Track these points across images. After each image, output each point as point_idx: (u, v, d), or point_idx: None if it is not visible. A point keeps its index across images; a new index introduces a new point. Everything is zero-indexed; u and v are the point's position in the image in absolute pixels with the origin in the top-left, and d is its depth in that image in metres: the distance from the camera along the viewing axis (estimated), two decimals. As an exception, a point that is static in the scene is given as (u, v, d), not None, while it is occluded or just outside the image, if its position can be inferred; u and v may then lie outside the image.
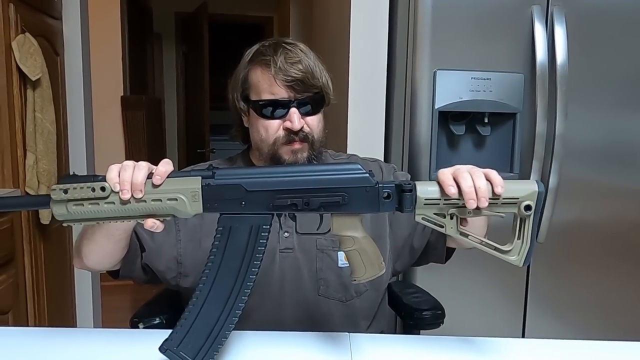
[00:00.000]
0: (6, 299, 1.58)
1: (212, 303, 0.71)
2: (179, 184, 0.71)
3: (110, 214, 0.70)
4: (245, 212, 0.71)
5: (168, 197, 0.70)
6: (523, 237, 0.73)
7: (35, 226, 1.78)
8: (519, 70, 1.51)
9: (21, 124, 1.68)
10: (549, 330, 1.60)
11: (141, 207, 0.70)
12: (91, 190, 0.69)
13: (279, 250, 0.96)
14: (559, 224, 1.56)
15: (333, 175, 0.71)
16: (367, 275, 0.76)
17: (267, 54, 0.91)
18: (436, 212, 0.73)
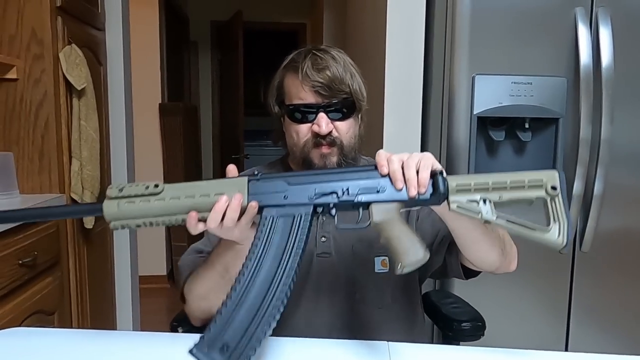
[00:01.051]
0: (52, 301, 1.64)
1: (251, 294, 0.69)
2: (227, 182, 0.73)
3: (158, 212, 0.72)
4: (287, 204, 0.72)
5: (215, 192, 0.72)
6: (558, 217, 0.72)
7: (79, 230, 1.85)
8: (562, 74, 1.46)
9: (67, 131, 1.75)
10: (593, 343, 1.54)
11: (189, 202, 0.72)
12: (145, 187, 0.72)
13: (316, 254, 0.97)
14: (604, 233, 1.50)
15: (369, 167, 0.74)
16: (412, 259, 0.71)
17: (297, 61, 0.94)
18: (469, 198, 0.72)
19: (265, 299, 0.69)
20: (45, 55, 1.66)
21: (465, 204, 0.72)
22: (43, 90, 1.67)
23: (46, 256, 1.59)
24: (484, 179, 0.73)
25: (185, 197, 0.72)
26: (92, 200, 1.84)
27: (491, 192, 0.72)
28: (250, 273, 0.70)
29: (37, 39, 1.64)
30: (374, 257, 0.96)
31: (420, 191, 0.70)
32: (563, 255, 1.51)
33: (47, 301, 1.59)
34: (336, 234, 0.97)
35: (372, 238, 0.95)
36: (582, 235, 1.50)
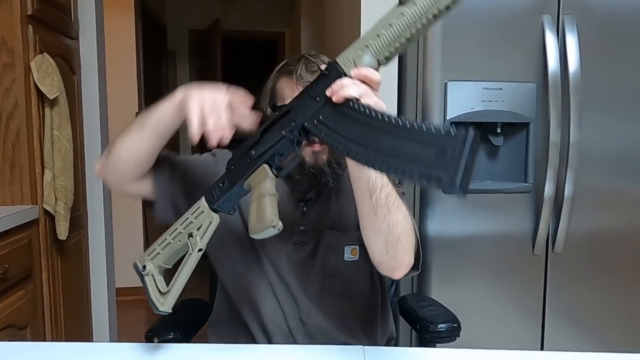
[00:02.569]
0: (24, 314, 1.60)
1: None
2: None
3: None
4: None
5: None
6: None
7: (52, 242, 1.81)
8: (531, 79, 1.50)
9: (39, 141, 1.72)
10: (568, 342, 1.56)
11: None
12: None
13: (293, 241, 1.00)
14: (575, 234, 1.53)
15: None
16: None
17: (291, 65, 0.99)
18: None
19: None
20: (16, 64, 1.63)
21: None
22: (14, 99, 1.64)
23: (18, 269, 1.56)
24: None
25: None
26: (65, 211, 1.80)
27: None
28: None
29: (7, 47, 1.62)
30: (344, 246, 1.00)
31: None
32: (537, 257, 1.54)
33: (19, 315, 1.56)
34: (315, 225, 1.01)
35: (344, 227, 1.00)
36: (554, 237, 1.53)
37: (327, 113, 0.71)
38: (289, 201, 1.02)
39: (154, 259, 0.81)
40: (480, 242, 1.53)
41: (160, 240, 0.81)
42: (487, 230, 1.53)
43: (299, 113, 0.74)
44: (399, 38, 0.67)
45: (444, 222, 1.53)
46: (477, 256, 1.54)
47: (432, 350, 0.88)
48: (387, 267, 0.88)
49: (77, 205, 1.98)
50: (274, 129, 0.77)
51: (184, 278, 0.77)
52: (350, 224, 1.00)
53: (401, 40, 0.67)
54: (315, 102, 0.72)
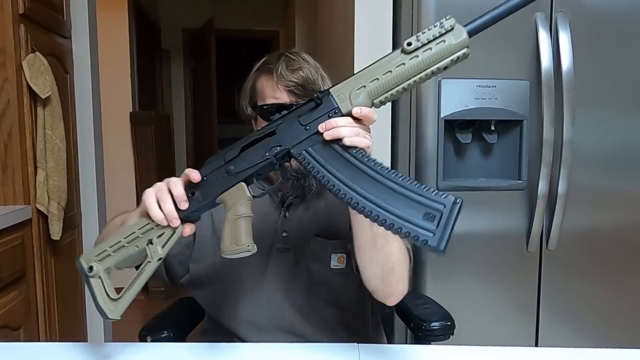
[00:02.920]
0: (17, 315, 1.59)
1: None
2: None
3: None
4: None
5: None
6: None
7: (46, 242, 1.80)
8: (525, 77, 1.50)
9: (32, 141, 1.71)
10: (562, 339, 1.57)
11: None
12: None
13: (275, 248, 0.99)
14: (569, 231, 1.54)
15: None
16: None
17: (271, 63, 0.97)
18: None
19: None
20: (8, 63, 1.62)
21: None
22: (6, 99, 1.63)
23: (11, 269, 1.55)
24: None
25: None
26: (59, 211, 1.79)
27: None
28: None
29: (-2, 47, 1.61)
30: (331, 254, 0.98)
31: None
32: (531, 254, 1.55)
33: (12, 316, 1.55)
34: (297, 231, 0.99)
35: (330, 235, 0.98)
36: (548, 234, 1.54)
37: (317, 146, 0.71)
38: (269, 207, 1.00)
39: (102, 261, 0.76)
40: (474, 240, 1.53)
41: (113, 242, 0.77)
42: (481, 227, 1.54)
43: (286, 138, 0.74)
44: (396, 86, 0.69)
45: (439, 220, 1.53)
46: (471, 253, 1.54)
47: (426, 348, 0.89)
48: (381, 295, 0.89)
49: (71, 205, 1.97)
50: (257, 148, 0.76)
51: (139, 286, 0.74)
52: (338, 230, 0.98)
53: (398, 89, 0.69)
54: (304, 130, 0.72)
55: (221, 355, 0.81)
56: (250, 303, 0.98)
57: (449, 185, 1.52)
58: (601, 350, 0.83)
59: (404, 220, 0.65)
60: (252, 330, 0.97)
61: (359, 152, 0.69)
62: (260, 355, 0.81)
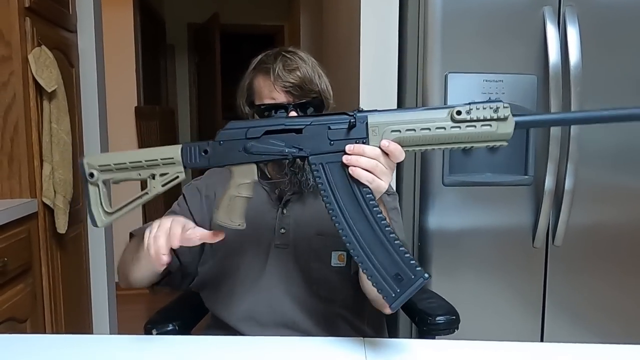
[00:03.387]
0: (24, 308, 1.60)
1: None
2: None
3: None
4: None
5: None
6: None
7: (51, 235, 1.81)
8: (532, 71, 1.49)
9: (37, 134, 1.71)
10: (568, 334, 1.57)
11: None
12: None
13: (274, 244, 0.99)
14: (575, 227, 1.53)
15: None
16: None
17: (268, 62, 0.97)
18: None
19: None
20: (14, 57, 1.62)
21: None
22: (12, 92, 1.63)
23: (17, 262, 1.56)
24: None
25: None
26: (64, 205, 1.80)
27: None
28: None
29: (4, 40, 1.61)
30: (331, 251, 0.98)
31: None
32: (536, 249, 1.54)
33: (18, 308, 1.56)
34: (295, 227, 0.99)
35: (331, 233, 0.97)
36: (554, 229, 1.53)
37: (334, 165, 0.73)
38: (267, 204, 1.01)
39: (104, 172, 0.79)
40: (480, 235, 1.53)
41: (117, 160, 0.79)
42: (487, 223, 1.53)
43: (310, 143, 0.75)
44: (427, 145, 0.71)
45: (444, 215, 1.53)
46: (476, 249, 1.54)
47: (431, 342, 0.88)
48: (380, 305, 0.91)
49: (76, 199, 1.98)
50: (279, 139, 0.76)
51: (131, 208, 0.79)
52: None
53: (427, 147, 0.72)
54: (329, 144, 0.74)
55: (226, 349, 0.81)
56: (251, 300, 0.98)
57: (455, 181, 1.51)
58: (606, 346, 0.82)
59: (378, 273, 0.72)
60: (254, 327, 0.97)
61: (366, 190, 0.72)
62: (266, 349, 0.81)
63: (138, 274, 0.94)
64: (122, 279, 1.00)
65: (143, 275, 0.94)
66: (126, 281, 0.98)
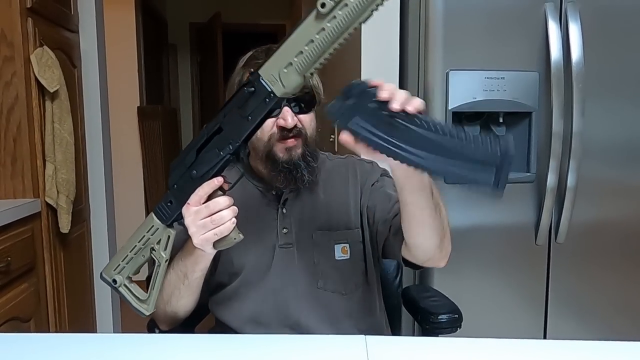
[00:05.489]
0: (28, 307, 1.60)
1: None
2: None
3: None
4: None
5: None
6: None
7: (55, 235, 1.81)
8: (534, 68, 1.49)
9: (40, 135, 1.72)
10: (571, 331, 1.56)
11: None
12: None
13: (278, 246, 0.99)
14: (578, 224, 1.53)
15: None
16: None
17: (258, 58, 0.96)
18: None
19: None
20: (16, 57, 1.63)
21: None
22: (14, 93, 1.64)
23: (21, 262, 1.56)
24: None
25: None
26: (67, 205, 1.81)
27: None
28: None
29: (7, 41, 1.61)
30: (334, 245, 0.98)
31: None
32: (539, 247, 1.54)
33: (22, 308, 1.56)
34: (297, 225, 0.99)
35: (332, 226, 0.98)
36: (557, 226, 1.53)
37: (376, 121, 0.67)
38: (265, 205, 1.00)
39: (121, 272, 0.85)
40: (482, 233, 1.53)
41: (122, 256, 0.85)
42: (490, 220, 1.53)
43: (233, 132, 0.75)
44: (323, 54, 0.66)
45: (446, 213, 1.52)
46: (479, 246, 1.54)
47: (434, 340, 0.88)
48: (436, 260, 0.89)
49: (79, 199, 1.98)
50: (210, 148, 0.77)
51: (159, 285, 0.84)
52: (339, 221, 0.98)
53: (325, 56, 0.66)
54: (247, 120, 0.73)
55: (228, 347, 0.81)
56: (255, 301, 0.98)
57: (457, 178, 1.51)
58: (610, 343, 0.82)
59: (465, 171, 0.66)
60: (257, 328, 0.97)
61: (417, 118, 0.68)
62: (268, 348, 0.82)
63: (188, 291, 0.91)
64: (163, 316, 0.95)
65: (193, 288, 0.91)
66: (172, 313, 0.94)
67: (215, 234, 0.78)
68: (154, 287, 0.83)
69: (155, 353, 0.79)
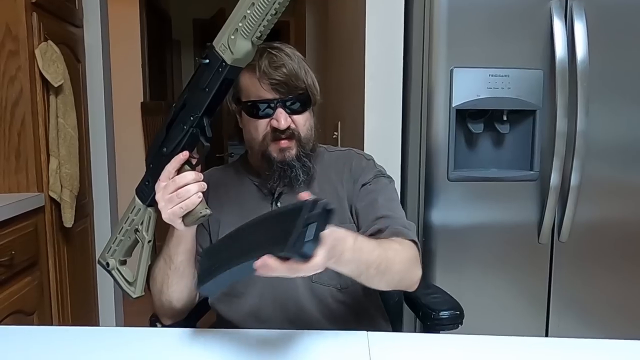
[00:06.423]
0: (31, 301, 1.61)
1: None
2: None
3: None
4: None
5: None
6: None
7: (58, 229, 1.82)
8: (538, 66, 1.48)
9: (44, 129, 1.72)
10: (573, 331, 1.56)
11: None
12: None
13: None
14: (581, 223, 1.52)
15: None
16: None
17: (253, 59, 0.94)
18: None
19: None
20: (21, 51, 1.63)
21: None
22: (19, 87, 1.64)
23: (24, 255, 1.57)
24: None
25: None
26: (71, 199, 1.81)
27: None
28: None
29: (11, 35, 1.62)
30: None
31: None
32: (542, 245, 1.54)
33: (26, 301, 1.57)
34: None
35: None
36: (560, 225, 1.52)
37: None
38: (261, 200, 1.00)
39: (113, 255, 0.88)
40: (484, 231, 1.53)
41: (113, 239, 0.88)
42: (492, 218, 1.53)
43: (195, 106, 0.78)
44: (265, 15, 0.69)
45: (448, 210, 1.52)
46: (481, 244, 1.53)
47: (436, 336, 0.88)
48: (402, 289, 0.91)
49: (83, 194, 1.99)
50: (177, 125, 0.81)
51: (145, 267, 0.86)
52: (336, 215, 0.98)
53: (268, 17, 0.69)
54: (206, 91, 0.77)
55: (229, 341, 0.82)
56: (254, 297, 0.98)
57: (460, 176, 1.51)
58: (611, 342, 0.82)
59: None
60: (257, 324, 0.97)
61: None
62: (269, 342, 0.82)
63: (175, 276, 0.91)
64: (161, 307, 0.96)
65: (180, 271, 0.91)
66: (168, 302, 0.94)
67: (181, 207, 0.80)
68: (139, 269, 0.86)
69: (157, 347, 0.80)
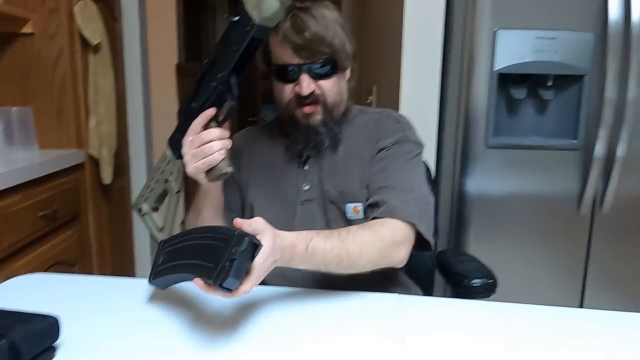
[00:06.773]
0: (73, 252, 1.69)
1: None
2: None
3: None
4: None
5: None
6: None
7: (97, 186, 1.88)
8: (589, 29, 1.40)
9: (84, 87, 1.75)
10: (608, 304, 1.53)
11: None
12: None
13: (299, 202, 0.99)
14: (624, 196, 1.46)
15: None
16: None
17: (281, 21, 0.91)
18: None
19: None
20: (61, 9, 1.65)
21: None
22: (59, 45, 1.67)
23: (65, 210, 1.63)
24: None
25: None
26: (109, 156, 1.86)
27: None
28: None
29: (51, -8, 1.63)
30: (346, 205, 0.97)
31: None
32: (582, 216, 1.49)
33: (68, 253, 1.64)
34: (317, 182, 0.99)
35: (346, 185, 0.97)
36: (602, 196, 1.47)
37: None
38: (288, 161, 1.00)
39: (146, 201, 0.91)
40: (522, 200, 1.49)
41: (147, 186, 0.92)
42: (531, 188, 1.48)
43: (223, 64, 0.79)
44: None
45: (485, 178, 1.49)
46: (518, 214, 1.50)
47: (468, 302, 0.87)
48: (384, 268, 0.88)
49: (120, 152, 2.04)
50: (206, 81, 0.82)
51: (172, 215, 0.89)
52: (353, 180, 0.97)
53: None
54: (233, 50, 0.77)
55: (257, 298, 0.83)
56: None
57: (499, 143, 1.46)
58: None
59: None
60: (284, 283, 0.98)
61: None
62: (299, 301, 0.83)
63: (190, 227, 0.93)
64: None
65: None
66: None
67: (204, 163, 0.80)
68: (167, 216, 0.89)
69: (187, 298, 0.82)
